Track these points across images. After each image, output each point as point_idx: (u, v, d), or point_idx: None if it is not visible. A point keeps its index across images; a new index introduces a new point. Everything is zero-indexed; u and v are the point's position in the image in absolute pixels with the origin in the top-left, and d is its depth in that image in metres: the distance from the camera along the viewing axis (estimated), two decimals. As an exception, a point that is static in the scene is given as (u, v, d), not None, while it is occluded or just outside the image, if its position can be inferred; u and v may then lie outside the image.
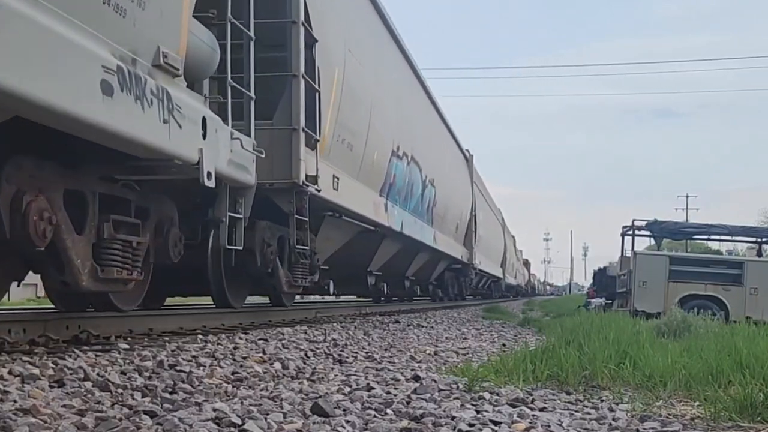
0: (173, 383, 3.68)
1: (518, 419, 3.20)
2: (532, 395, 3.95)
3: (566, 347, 5.27)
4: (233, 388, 3.83)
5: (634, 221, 17.61)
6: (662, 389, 4.22)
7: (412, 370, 4.90)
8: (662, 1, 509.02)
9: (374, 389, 3.88)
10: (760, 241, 19.09)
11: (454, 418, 3.13)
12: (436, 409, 3.34)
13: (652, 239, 18.64)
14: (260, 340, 6.13)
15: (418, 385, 4.10)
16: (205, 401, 3.26)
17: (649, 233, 18.12)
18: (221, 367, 4.39)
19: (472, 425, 3.02)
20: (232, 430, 2.75)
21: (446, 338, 8.40)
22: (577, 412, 3.56)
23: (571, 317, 12.07)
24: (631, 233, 17.51)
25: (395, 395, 3.74)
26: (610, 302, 19.50)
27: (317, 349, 5.95)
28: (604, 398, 4.06)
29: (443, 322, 12.05)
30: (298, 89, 7.63)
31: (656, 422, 3.34)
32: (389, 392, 3.86)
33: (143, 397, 3.36)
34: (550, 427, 3.09)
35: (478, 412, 3.33)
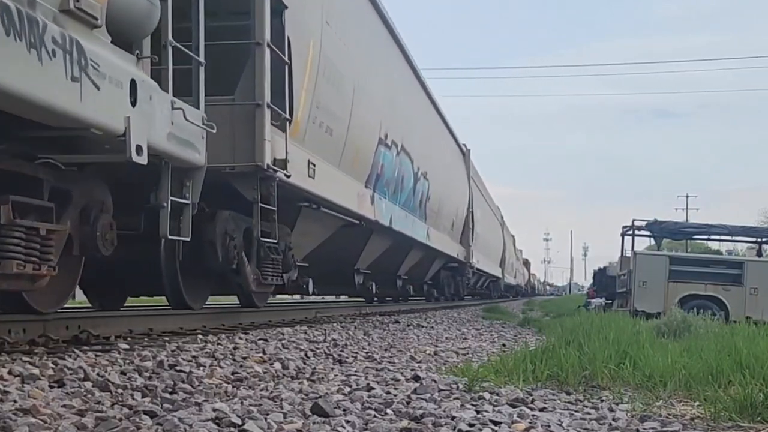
0: (173, 383, 3.68)
1: (518, 419, 3.20)
2: (532, 395, 3.95)
3: (566, 347, 5.27)
4: (233, 388, 3.83)
5: (634, 221, 17.61)
6: (662, 389, 4.22)
7: (412, 370, 4.90)
8: (662, 1, 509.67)
9: (374, 389, 3.88)
10: (760, 241, 19.10)
11: (454, 418, 3.13)
12: (436, 409, 3.34)
13: (652, 239, 18.66)
14: (260, 340, 6.13)
15: (418, 385, 4.10)
16: (205, 401, 3.26)
17: (649, 233, 18.14)
18: (221, 367, 4.39)
19: (472, 425, 3.02)
20: (232, 430, 2.75)
21: (446, 338, 8.40)
22: (577, 412, 3.56)
23: (571, 317, 12.06)
24: (631, 233, 17.51)
25: (395, 395, 3.74)
26: (610, 302, 19.49)
27: (317, 349, 5.95)
28: (604, 398, 4.06)
29: (443, 322, 12.06)
30: (262, 60, 6.65)
31: (656, 422, 3.33)
32: (389, 392, 3.86)
33: (143, 397, 3.36)
34: (550, 427, 3.09)
35: (478, 412, 3.33)
